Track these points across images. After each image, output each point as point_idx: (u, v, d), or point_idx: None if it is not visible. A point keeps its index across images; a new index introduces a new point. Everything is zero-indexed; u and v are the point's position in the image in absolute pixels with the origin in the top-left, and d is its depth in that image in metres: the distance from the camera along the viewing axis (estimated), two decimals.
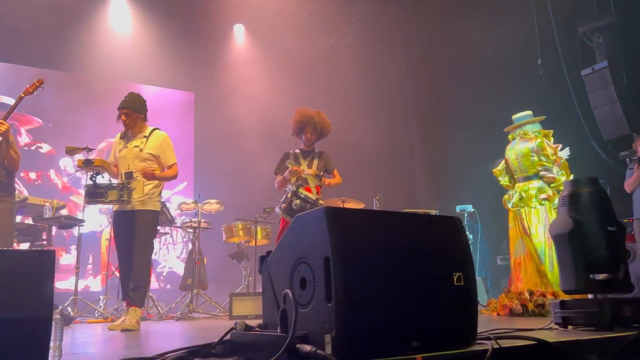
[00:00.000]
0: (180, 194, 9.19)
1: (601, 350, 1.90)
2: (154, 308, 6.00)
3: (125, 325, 3.85)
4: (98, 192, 3.93)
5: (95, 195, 3.93)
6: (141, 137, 4.26)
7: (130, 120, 4.20)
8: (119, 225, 4.14)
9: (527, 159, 4.77)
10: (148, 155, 4.18)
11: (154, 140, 4.26)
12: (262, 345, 1.62)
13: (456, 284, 1.71)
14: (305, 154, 4.87)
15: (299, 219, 1.74)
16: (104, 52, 8.52)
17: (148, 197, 4.14)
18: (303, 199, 4.21)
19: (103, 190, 3.94)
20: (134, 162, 4.14)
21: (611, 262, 2.38)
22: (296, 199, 4.21)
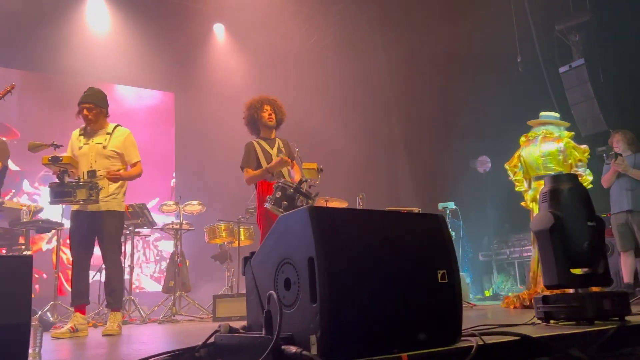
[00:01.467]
0: None
1: (583, 344, 1.93)
2: (136, 311, 5.92)
3: (107, 330, 3.77)
4: (65, 191, 3.68)
5: (62, 195, 3.69)
6: (103, 133, 4.08)
7: (92, 116, 4.02)
8: (79, 227, 3.92)
9: (554, 159, 4.79)
10: (112, 153, 4.03)
11: (117, 137, 4.11)
12: (247, 347, 1.60)
13: (440, 281, 1.72)
14: (270, 143, 4.33)
15: (282, 219, 1.72)
16: (80, 52, 8.37)
17: (113, 197, 4.00)
18: (306, 195, 3.77)
19: (71, 189, 3.70)
20: (97, 160, 3.97)
21: (591, 257, 2.42)
22: (301, 196, 3.74)
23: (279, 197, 3.72)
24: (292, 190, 3.72)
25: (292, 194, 3.71)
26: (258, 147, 4.27)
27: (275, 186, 3.81)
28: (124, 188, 4.16)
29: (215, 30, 9.89)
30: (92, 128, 4.09)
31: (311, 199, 3.80)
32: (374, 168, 8.97)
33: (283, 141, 4.45)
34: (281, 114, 4.43)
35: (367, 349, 1.49)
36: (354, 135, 8.70)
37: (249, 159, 4.22)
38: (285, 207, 3.67)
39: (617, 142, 5.51)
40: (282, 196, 3.72)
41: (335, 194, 6.27)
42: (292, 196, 3.71)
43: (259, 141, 4.32)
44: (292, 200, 3.70)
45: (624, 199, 5.24)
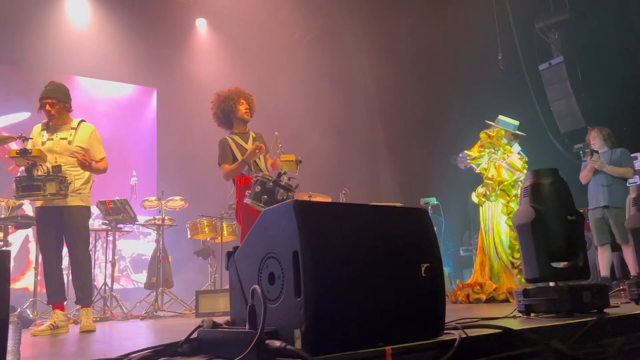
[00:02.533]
0: None
1: (563, 336, 1.96)
2: (117, 308, 5.86)
3: (84, 327, 3.72)
4: (34, 184, 3.58)
5: (30, 189, 3.58)
6: (68, 128, 4.00)
7: (55, 111, 3.93)
8: (46, 222, 3.86)
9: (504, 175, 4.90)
10: (77, 148, 3.96)
11: (83, 133, 4.03)
12: (231, 342, 1.59)
13: (424, 275, 1.73)
14: (244, 137, 4.26)
15: (267, 213, 1.71)
16: (60, 46, 8.22)
17: (78, 192, 3.93)
18: (286, 187, 3.72)
19: (40, 183, 3.59)
20: (62, 155, 3.89)
21: (571, 251, 2.46)
22: (280, 189, 3.68)
23: (259, 192, 3.65)
24: (271, 183, 3.67)
25: (271, 187, 3.66)
26: (232, 142, 4.21)
27: (254, 180, 3.74)
28: (90, 184, 4.09)
29: (198, 25, 9.80)
30: (55, 123, 4.00)
31: (292, 191, 3.75)
32: (356, 164, 8.99)
33: (256, 134, 4.39)
34: (253, 109, 4.37)
35: (351, 342, 1.49)
36: (337, 130, 8.71)
37: (225, 154, 4.16)
38: (265, 201, 3.61)
39: (594, 139, 5.61)
40: (262, 190, 3.65)
41: (318, 189, 6.28)
42: (272, 189, 3.65)
43: (232, 137, 4.26)
44: (272, 194, 3.64)
45: (600, 195, 5.34)
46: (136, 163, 8.99)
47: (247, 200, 3.69)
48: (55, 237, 3.88)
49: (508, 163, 4.84)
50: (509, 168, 4.82)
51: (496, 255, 4.62)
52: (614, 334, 2.11)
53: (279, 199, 3.62)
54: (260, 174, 3.77)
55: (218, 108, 4.28)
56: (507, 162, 4.85)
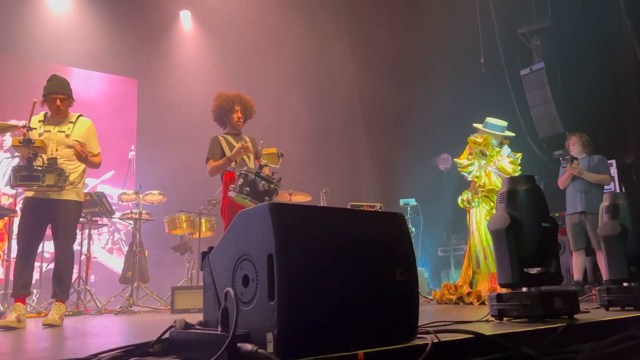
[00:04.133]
0: (107, 183, 8.88)
1: (533, 342, 1.99)
2: (92, 302, 5.78)
3: (48, 320, 3.64)
4: (33, 175, 3.56)
5: (29, 179, 3.56)
6: (67, 122, 4.00)
7: (64, 106, 3.96)
8: (33, 213, 3.79)
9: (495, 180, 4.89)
10: (74, 142, 3.94)
11: (80, 127, 4.04)
12: (202, 344, 1.58)
13: (398, 279, 1.74)
14: (237, 139, 4.41)
15: (242, 214, 1.70)
16: (40, 34, 8.07)
17: (73, 186, 3.90)
18: (267, 179, 3.83)
19: (39, 174, 3.58)
20: (58, 148, 3.87)
21: (544, 257, 2.50)
22: (262, 180, 3.78)
23: (241, 184, 3.78)
24: (253, 175, 3.80)
25: (253, 179, 3.79)
26: (224, 141, 4.34)
27: (237, 174, 3.88)
28: (83, 179, 4.09)
29: (182, 16, 9.70)
30: (52, 115, 3.99)
31: (273, 182, 3.86)
32: (337, 163, 9.00)
33: (250, 138, 4.52)
34: (250, 114, 4.52)
35: (324, 346, 1.49)
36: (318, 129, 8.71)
37: (214, 151, 4.29)
38: (247, 192, 3.74)
39: (573, 145, 5.70)
40: (244, 182, 3.79)
41: (299, 187, 6.27)
42: (253, 181, 3.78)
43: (225, 136, 4.39)
44: (254, 185, 3.77)
45: (577, 201, 5.43)
46: (115, 155, 8.88)
47: (230, 194, 3.83)
48: (40, 230, 3.83)
49: (498, 168, 4.83)
50: (499, 173, 4.81)
51: (477, 263, 4.64)
52: (583, 340, 2.15)
53: (261, 190, 3.76)
54: (244, 168, 3.90)
55: (215, 108, 4.44)
56: (497, 166, 4.83)
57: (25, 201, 3.86)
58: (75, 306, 5.64)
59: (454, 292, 4.51)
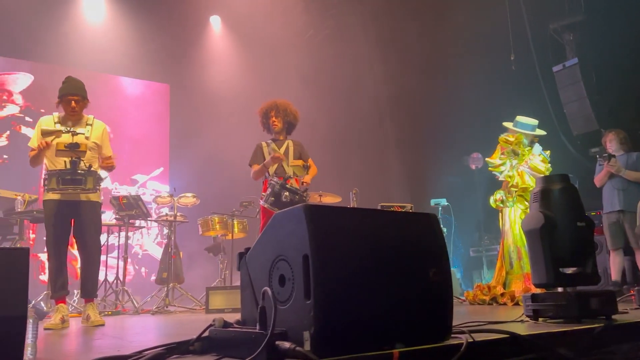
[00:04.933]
0: (156, 180, 9.15)
1: (569, 343, 1.97)
2: (129, 302, 5.94)
3: (95, 322, 3.77)
4: (77, 178, 3.72)
5: (73, 182, 3.71)
6: (83, 124, 4.07)
7: (79, 108, 4.03)
8: (63, 215, 3.87)
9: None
10: (93, 144, 4.03)
11: (97, 129, 4.12)
12: (241, 342, 1.63)
13: (432, 280, 1.75)
14: (278, 144, 4.64)
15: (278, 216, 1.75)
16: (75, 42, 8.34)
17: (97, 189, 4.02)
18: (292, 190, 4.09)
19: (82, 177, 3.74)
20: None
21: (580, 257, 2.46)
22: (285, 191, 4.06)
23: (268, 194, 4.12)
24: (278, 186, 4.10)
25: (277, 190, 4.09)
26: (266, 146, 4.64)
27: (269, 184, 4.21)
28: (102, 181, 4.20)
29: (212, 22, 9.86)
30: (72, 118, 4.06)
31: (298, 194, 4.12)
32: (367, 164, 9.00)
33: (295, 142, 4.74)
34: (287, 117, 4.69)
35: (359, 345, 1.52)
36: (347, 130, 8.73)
37: (256, 156, 4.65)
38: (272, 202, 4.07)
39: (610, 142, 5.57)
40: (271, 192, 4.11)
41: (329, 189, 6.30)
42: (278, 192, 4.09)
43: (269, 142, 4.67)
44: (278, 196, 4.08)
45: (615, 199, 5.31)
46: (149, 160, 9.10)
47: (261, 202, 4.22)
48: (67, 231, 3.92)
49: (531, 167, 4.76)
50: (532, 173, 4.75)
51: (511, 263, 4.58)
52: (621, 341, 2.11)
53: (284, 200, 4.03)
54: (274, 179, 4.19)
55: (260, 117, 4.75)
56: (530, 165, 4.77)
57: (50, 204, 3.88)
58: (113, 306, 5.81)
59: (487, 293, 4.47)
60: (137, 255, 8.89)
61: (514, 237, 4.63)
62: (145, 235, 8.95)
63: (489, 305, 4.39)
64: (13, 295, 1.71)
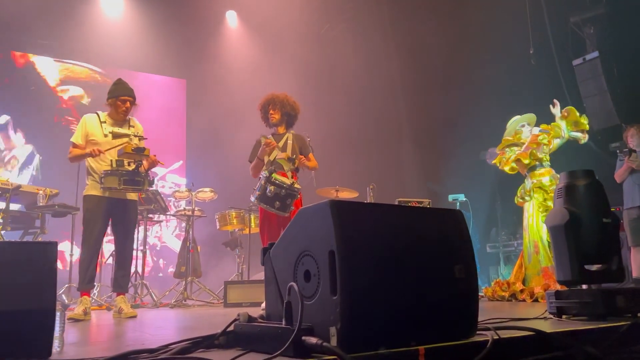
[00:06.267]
0: (175, 173, 9.24)
1: (595, 340, 1.95)
2: (148, 295, 6.01)
3: (128, 314, 3.92)
4: (137, 180, 3.95)
5: (134, 183, 3.94)
6: (127, 125, 4.25)
7: (130, 109, 4.22)
8: (107, 212, 4.02)
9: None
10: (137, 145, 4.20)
11: (139, 130, 4.33)
12: (267, 337, 1.63)
13: (458, 276, 1.74)
14: (277, 137, 4.59)
15: (303, 211, 1.75)
16: (93, 38, 8.42)
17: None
18: (277, 184, 4.04)
19: (141, 179, 3.96)
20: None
21: (605, 254, 2.43)
22: (270, 185, 4.01)
23: (256, 189, 4.11)
24: (264, 181, 4.07)
25: (263, 185, 4.06)
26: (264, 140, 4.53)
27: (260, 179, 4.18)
28: None
29: (228, 17, 9.88)
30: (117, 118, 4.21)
31: (284, 187, 4.05)
32: (382, 158, 8.97)
33: (296, 135, 4.65)
34: (285, 107, 4.59)
35: (385, 341, 1.52)
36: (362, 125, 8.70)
37: (253, 152, 4.59)
38: (257, 197, 4.07)
39: (632, 137, 5.48)
40: (258, 187, 4.09)
41: (346, 184, 6.29)
42: (264, 187, 4.06)
43: (268, 136, 4.58)
44: (263, 191, 4.06)
45: (636, 194, 5.23)
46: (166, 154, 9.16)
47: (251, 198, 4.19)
48: (105, 228, 4.10)
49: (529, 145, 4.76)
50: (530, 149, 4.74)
51: (529, 257, 4.54)
52: None
53: (269, 195, 4.02)
54: (262, 173, 4.15)
55: (260, 112, 4.70)
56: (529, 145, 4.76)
57: (95, 199, 4.00)
58: (132, 299, 5.88)
59: (506, 289, 4.44)
60: (156, 247, 9.00)
61: (531, 230, 4.59)
62: (164, 227, 9.05)
63: (508, 301, 4.35)
64: (42, 288, 1.74)
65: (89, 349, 2.14)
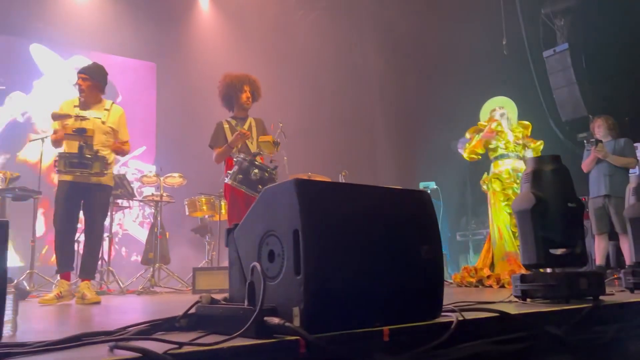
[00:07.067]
0: (138, 159, 9.04)
1: (558, 322, 1.97)
2: (114, 282, 5.88)
3: (92, 299, 3.81)
4: (83, 162, 3.79)
5: (79, 165, 3.79)
6: (101, 109, 4.16)
7: (85, 87, 4.08)
8: (73, 196, 3.96)
9: None
10: (109, 129, 4.13)
11: (114, 114, 4.20)
12: (229, 318, 1.59)
13: (424, 257, 1.73)
14: (241, 122, 4.38)
15: (268, 191, 1.70)
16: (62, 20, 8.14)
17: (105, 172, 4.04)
18: (261, 167, 3.91)
19: (89, 162, 3.81)
20: (96, 135, 3.99)
21: (569, 238, 2.46)
22: (255, 169, 3.86)
23: (235, 172, 3.88)
24: (246, 163, 3.89)
25: (246, 167, 3.88)
26: (227, 126, 4.35)
27: (235, 161, 3.95)
28: (113, 165, 4.29)
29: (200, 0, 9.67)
30: (87, 101, 4.11)
31: (267, 170, 3.93)
32: (355, 146, 8.97)
33: (256, 120, 4.49)
34: (258, 95, 4.48)
35: (349, 321, 1.50)
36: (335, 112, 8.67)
37: (217, 138, 4.33)
38: (240, 180, 3.85)
39: (599, 128, 5.59)
40: (238, 170, 3.88)
41: (318, 170, 6.26)
42: (246, 169, 3.87)
43: (229, 120, 4.40)
44: (246, 173, 3.87)
45: (602, 184, 5.34)
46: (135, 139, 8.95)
47: (226, 180, 3.93)
48: (76, 210, 4.02)
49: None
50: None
51: (495, 243, 4.60)
52: (609, 321, 2.12)
53: (253, 178, 3.85)
54: (241, 155, 3.95)
55: (222, 89, 4.43)
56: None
57: (63, 185, 3.97)
58: (98, 286, 5.74)
59: (474, 275, 4.49)
60: (117, 234, 8.80)
61: (494, 217, 4.67)
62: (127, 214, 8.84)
63: (476, 287, 4.41)
64: None
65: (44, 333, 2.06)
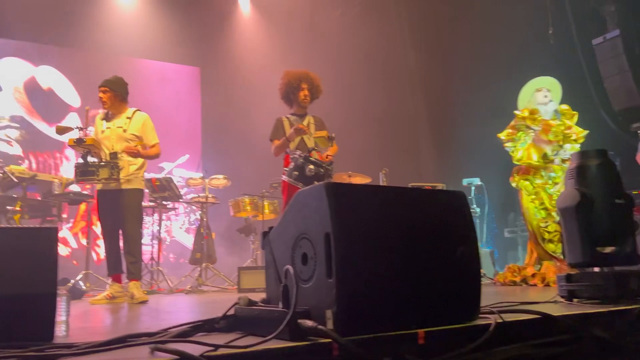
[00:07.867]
0: (182, 167, 9.27)
1: (606, 324, 1.89)
2: (164, 282, 6.07)
3: (139, 299, 3.99)
4: (89, 170, 3.97)
5: (86, 174, 3.98)
6: (123, 118, 4.31)
7: (107, 98, 4.24)
8: (104, 204, 4.22)
9: None
10: (131, 136, 4.26)
11: (136, 122, 4.33)
12: (265, 320, 1.62)
13: (459, 258, 1.70)
14: (300, 119, 4.43)
15: (300, 194, 1.72)
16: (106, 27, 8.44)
17: (133, 176, 4.24)
18: (316, 163, 3.89)
19: (94, 169, 3.98)
20: (117, 143, 4.19)
21: (617, 235, 2.35)
22: (309, 164, 3.86)
23: (292, 168, 3.91)
24: (301, 160, 3.89)
25: (301, 163, 3.88)
26: (287, 122, 4.41)
27: (291, 158, 4.00)
28: (144, 169, 4.40)
29: (240, 2, 9.82)
30: (112, 112, 4.32)
31: (322, 166, 3.91)
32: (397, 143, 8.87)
33: (315, 117, 4.55)
34: (317, 92, 4.52)
35: (382, 324, 1.49)
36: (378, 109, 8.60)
37: (277, 131, 4.40)
38: (296, 177, 3.86)
39: None
40: (294, 167, 3.91)
41: (358, 169, 6.24)
42: (301, 165, 3.88)
43: (288, 117, 4.47)
44: (301, 170, 3.87)
45: None
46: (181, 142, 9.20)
47: (283, 177, 4.00)
48: (112, 217, 4.21)
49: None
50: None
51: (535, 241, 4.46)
52: None
53: (308, 174, 3.84)
54: (297, 152, 3.97)
55: (282, 87, 4.49)
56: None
57: (97, 195, 4.29)
58: (149, 286, 5.96)
59: (518, 274, 4.37)
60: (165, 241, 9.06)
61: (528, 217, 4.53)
62: (174, 221, 9.10)
63: (519, 286, 4.29)
64: (42, 273, 1.75)
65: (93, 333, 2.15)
